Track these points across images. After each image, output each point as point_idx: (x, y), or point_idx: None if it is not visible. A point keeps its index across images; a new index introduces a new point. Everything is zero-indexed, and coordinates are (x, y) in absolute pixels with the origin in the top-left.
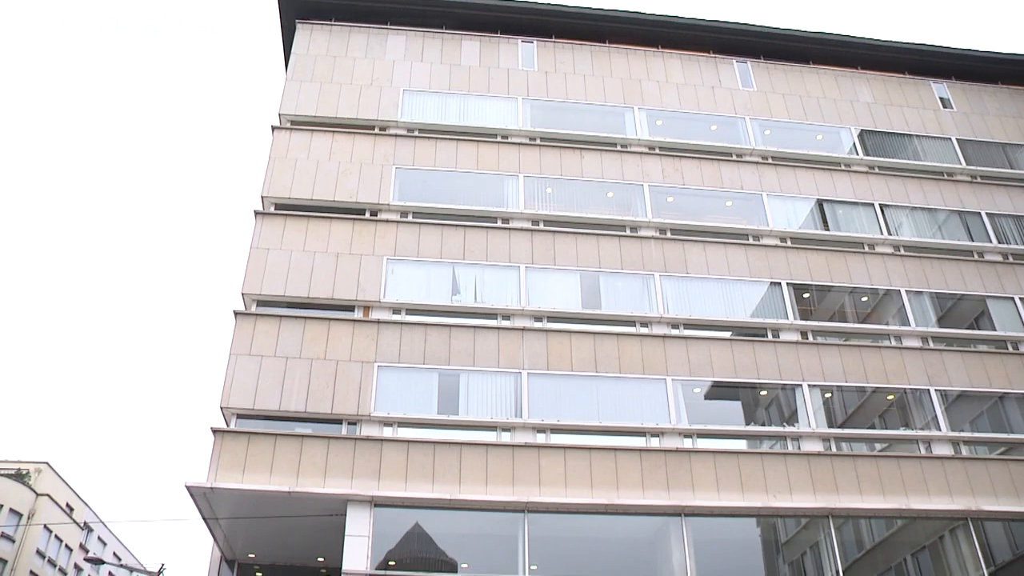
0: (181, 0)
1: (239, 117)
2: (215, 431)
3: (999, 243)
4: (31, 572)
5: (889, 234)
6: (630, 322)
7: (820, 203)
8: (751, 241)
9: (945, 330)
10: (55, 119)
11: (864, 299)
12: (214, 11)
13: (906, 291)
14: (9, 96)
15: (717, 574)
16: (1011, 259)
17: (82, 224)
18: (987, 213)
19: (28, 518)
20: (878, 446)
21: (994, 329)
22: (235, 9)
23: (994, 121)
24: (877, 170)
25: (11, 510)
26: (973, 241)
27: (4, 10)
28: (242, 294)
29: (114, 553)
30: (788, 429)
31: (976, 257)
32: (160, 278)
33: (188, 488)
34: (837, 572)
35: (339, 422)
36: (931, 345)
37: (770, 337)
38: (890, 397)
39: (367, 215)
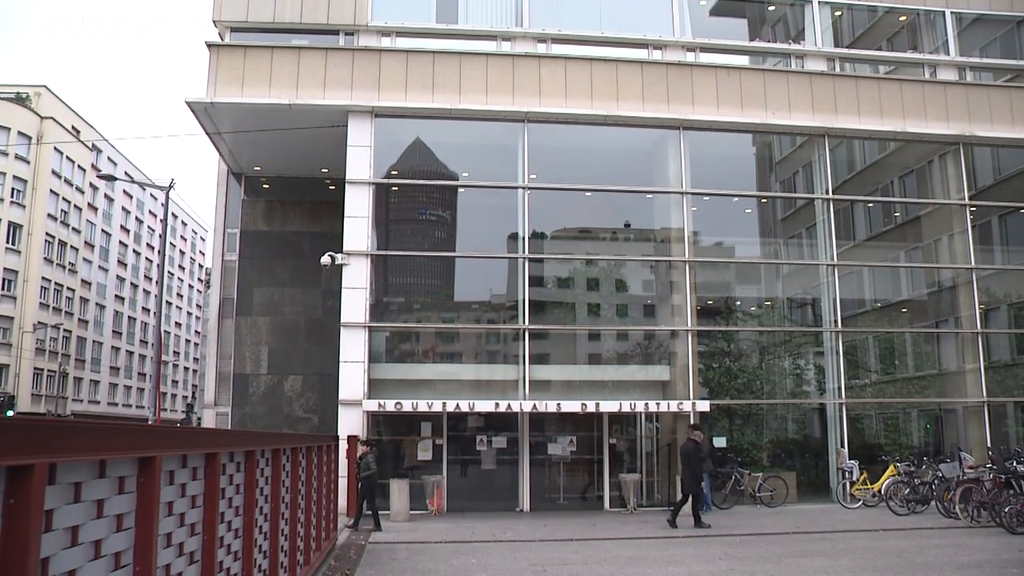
0: None
1: None
2: (210, 46)
3: None
4: (50, 191)
5: None
6: None
7: None
8: None
9: None
10: None
11: None
12: None
13: None
14: None
15: (711, 186)
16: None
17: None
18: None
19: (37, 140)
20: (882, 69)
21: None
22: None
23: None
24: None
25: (19, 133)
26: None
27: None
28: None
29: (125, 172)
30: (793, 47)
31: None
32: None
33: (189, 104)
34: (827, 190)
35: (336, 32)
36: None
37: None
38: (902, 18)
39: None
